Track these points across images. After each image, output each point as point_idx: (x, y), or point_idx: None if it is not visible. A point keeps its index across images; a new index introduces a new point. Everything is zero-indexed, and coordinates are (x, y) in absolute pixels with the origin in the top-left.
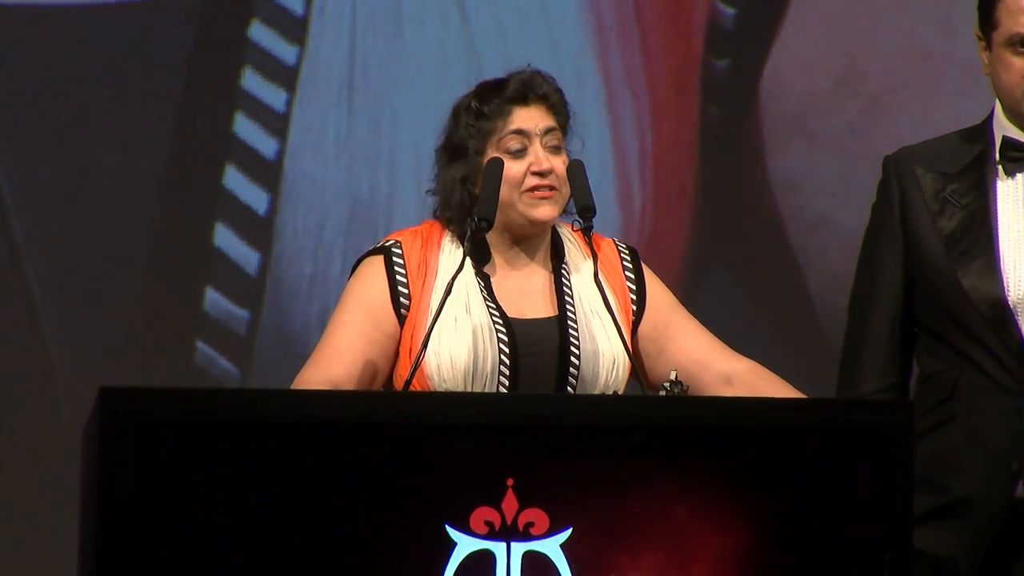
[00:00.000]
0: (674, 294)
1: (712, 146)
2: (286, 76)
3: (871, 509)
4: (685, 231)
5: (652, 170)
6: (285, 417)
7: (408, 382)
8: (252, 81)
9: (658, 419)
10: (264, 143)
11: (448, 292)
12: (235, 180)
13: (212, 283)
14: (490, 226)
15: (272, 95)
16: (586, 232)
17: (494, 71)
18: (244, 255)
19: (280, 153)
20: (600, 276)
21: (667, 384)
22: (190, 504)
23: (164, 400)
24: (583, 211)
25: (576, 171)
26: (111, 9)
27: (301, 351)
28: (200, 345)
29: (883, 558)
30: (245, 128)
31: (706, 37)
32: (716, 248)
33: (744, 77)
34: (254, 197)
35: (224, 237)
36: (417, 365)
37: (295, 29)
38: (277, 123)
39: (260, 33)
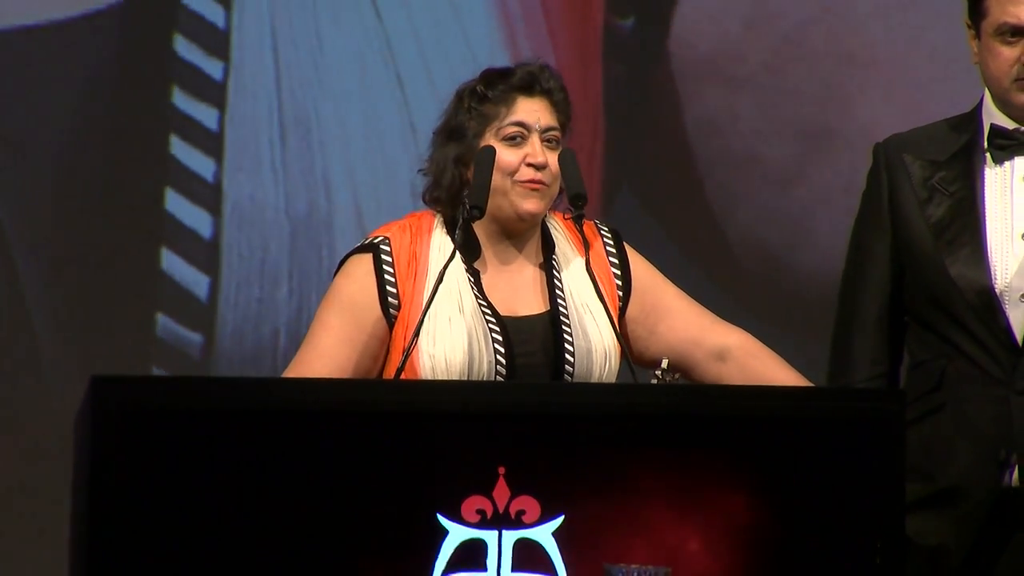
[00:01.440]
0: None
1: (622, 105)
2: (214, 92)
3: (863, 497)
4: (598, 197)
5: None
6: (277, 405)
7: (400, 371)
8: (181, 99)
9: (649, 407)
10: (201, 164)
11: (440, 281)
12: (176, 203)
13: (163, 309)
14: (482, 214)
15: (203, 113)
16: (577, 220)
17: (412, 71)
18: (193, 279)
19: (218, 174)
20: (591, 267)
21: (659, 372)
22: (182, 492)
23: (156, 389)
24: (575, 199)
25: (568, 159)
26: (24, 34)
27: (257, 374)
28: (156, 371)
29: (875, 545)
30: (181, 149)
31: (606, 1)
32: (638, 201)
33: (651, 32)
34: (197, 220)
35: (171, 262)
36: (407, 355)
37: (218, 43)
38: (211, 143)
39: (184, 48)
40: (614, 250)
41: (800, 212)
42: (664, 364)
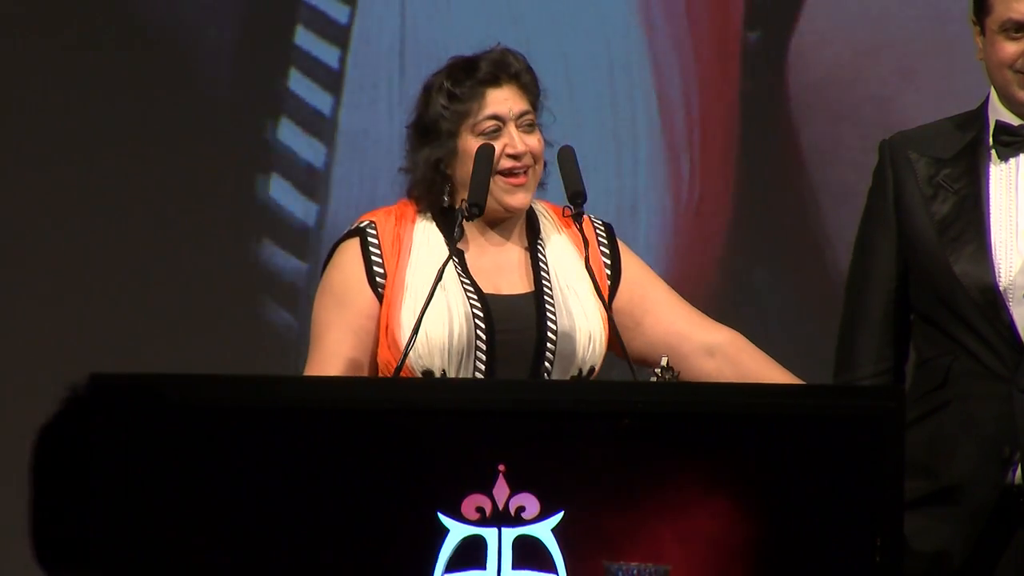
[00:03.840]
0: (719, 261)
1: (749, 117)
2: (338, 34)
3: (862, 494)
4: (729, 198)
5: (699, 137)
6: (277, 403)
7: (399, 368)
8: (305, 38)
9: (648, 404)
10: (319, 98)
11: (439, 279)
12: (290, 133)
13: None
14: (481, 212)
15: (325, 52)
16: (577, 218)
17: (539, 34)
18: (301, 207)
19: (335, 108)
20: (590, 262)
21: (658, 370)
22: (180, 489)
23: (154, 386)
24: (574, 197)
25: (567, 157)
26: None
27: None
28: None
29: (874, 542)
30: (299, 84)
31: (744, 7)
32: (754, 221)
33: (773, 49)
34: (310, 151)
35: (279, 188)
36: (406, 354)
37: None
38: (331, 79)
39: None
40: (606, 241)
41: None
42: (664, 362)
